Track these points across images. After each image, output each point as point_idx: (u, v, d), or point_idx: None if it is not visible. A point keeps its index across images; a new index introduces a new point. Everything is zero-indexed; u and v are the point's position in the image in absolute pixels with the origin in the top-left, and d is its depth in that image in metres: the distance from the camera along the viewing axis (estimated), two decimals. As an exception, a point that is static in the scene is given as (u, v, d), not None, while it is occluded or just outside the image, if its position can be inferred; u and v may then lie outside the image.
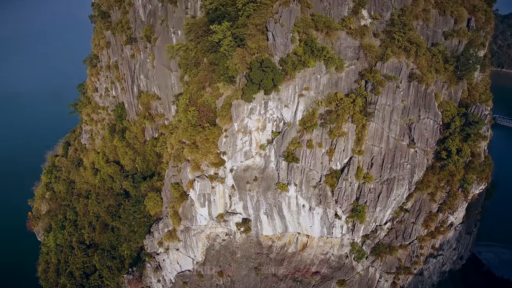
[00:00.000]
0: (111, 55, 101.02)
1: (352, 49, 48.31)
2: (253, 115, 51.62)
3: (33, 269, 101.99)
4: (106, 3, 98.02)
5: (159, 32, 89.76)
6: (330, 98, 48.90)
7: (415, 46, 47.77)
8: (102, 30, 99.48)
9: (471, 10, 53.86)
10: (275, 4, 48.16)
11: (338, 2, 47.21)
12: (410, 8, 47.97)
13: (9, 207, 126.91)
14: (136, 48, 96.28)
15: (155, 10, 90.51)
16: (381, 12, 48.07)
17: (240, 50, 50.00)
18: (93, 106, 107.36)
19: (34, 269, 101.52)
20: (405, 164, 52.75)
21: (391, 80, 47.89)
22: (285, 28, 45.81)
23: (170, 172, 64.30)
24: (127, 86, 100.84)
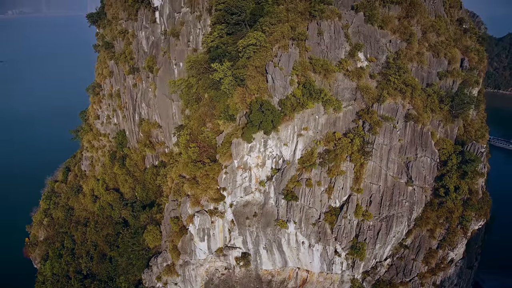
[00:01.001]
0: (114, 84, 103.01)
1: (349, 90, 49.64)
2: (253, 153, 52.40)
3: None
4: (110, 34, 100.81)
5: (161, 63, 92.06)
6: (328, 137, 49.83)
7: (411, 87, 49.12)
8: (106, 59, 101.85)
9: (464, 50, 55.66)
10: (274, 47, 49.88)
11: (335, 45, 48.89)
12: (405, 52, 49.66)
13: (7, 232, 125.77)
14: (139, 77, 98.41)
15: (157, 42, 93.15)
16: (376, 55, 49.69)
17: (240, 90, 51.36)
18: (94, 133, 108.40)
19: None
20: (404, 202, 53.09)
21: (388, 120, 48.97)
22: (284, 71, 47.26)
23: (170, 206, 64.44)
24: (129, 114, 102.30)
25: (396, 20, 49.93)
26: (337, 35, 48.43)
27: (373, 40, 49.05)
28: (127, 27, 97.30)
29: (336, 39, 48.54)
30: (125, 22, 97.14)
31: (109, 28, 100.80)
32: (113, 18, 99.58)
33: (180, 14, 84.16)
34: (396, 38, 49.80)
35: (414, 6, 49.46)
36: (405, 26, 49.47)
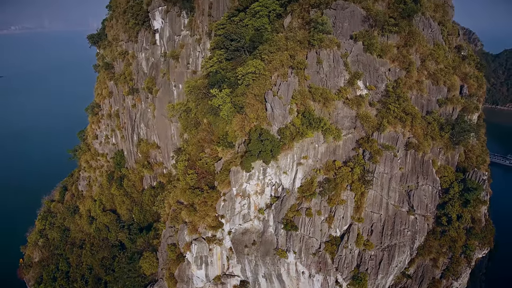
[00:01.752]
0: (113, 104, 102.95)
1: (349, 118, 49.31)
2: (252, 180, 51.62)
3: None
4: (110, 55, 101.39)
5: (161, 84, 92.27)
6: (328, 166, 49.17)
7: (411, 116, 48.81)
8: (105, 80, 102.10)
9: (463, 77, 55.64)
10: (273, 75, 49.81)
11: (334, 74, 48.82)
12: (404, 80, 49.59)
13: (1, 253, 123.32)
14: (138, 98, 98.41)
15: (157, 63, 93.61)
16: (376, 84, 49.59)
17: (239, 117, 50.99)
18: (92, 153, 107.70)
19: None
20: (406, 231, 52.02)
21: (388, 149, 48.46)
22: (283, 100, 47.00)
23: (167, 233, 63.18)
24: (127, 134, 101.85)
25: (395, 49, 50.07)
26: (336, 64, 48.43)
27: (372, 69, 49.03)
28: (127, 48, 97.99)
29: (335, 67, 48.52)
30: (126, 43, 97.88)
31: (109, 49, 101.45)
32: (113, 39, 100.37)
33: (180, 37, 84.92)
34: (395, 67, 49.82)
35: (413, 35, 49.66)
36: (404, 55, 49.55)
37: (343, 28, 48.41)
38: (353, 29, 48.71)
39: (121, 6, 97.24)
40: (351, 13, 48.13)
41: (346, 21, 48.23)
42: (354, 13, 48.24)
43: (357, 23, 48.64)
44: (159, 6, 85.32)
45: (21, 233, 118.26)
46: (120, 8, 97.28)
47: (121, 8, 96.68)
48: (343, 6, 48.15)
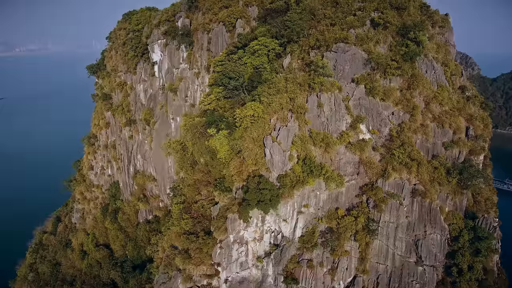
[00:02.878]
0: (110, 135, 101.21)
1: (352, 164, 47.13)
2: (250, 228, 48.83)
3: None
4: (109, 85, 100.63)
5: (158, 116, 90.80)
6: (330, 214, 46.52)
7: (416, 162, 46.65)
8: (103, 110, 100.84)
9: (468, 118, 53.92)
10: (272, 118, 48.03)
11: (336, 117, 47.05)
12: (409, 124, 47.77)
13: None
14: (135, 129, 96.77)
15: (155, 95, 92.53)
16: (379, 128, 47.76)
17: (237, 161, 48.84)
18: (87, 184, 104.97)
19: None
20: (414, 283, 48.69)
21: (394, 197, 45.99)
22: (283, 145, 44.97)
23: (160, 279, 59.51)
24: (123, 166, 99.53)
25: (398, 92, 48.56)
26: (337, 108, 46.75)
27: (375, 113, 47.32)
28: (125, 79, 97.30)
29: (336, 111, 46.81)
30: (124, 74, 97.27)
31: (108, 80, 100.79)
32: (112, 70, 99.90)
33: (179, 70, 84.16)
34: (399, 110, 48.13)
35: (416, 78, 48.27)
36: (407, 98, 47.98)
37: (344, 71, 47.05)
38: (355, 72, 47.36)
39: (120, 38, 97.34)
40: (352, 56, 46.89)
41: (347, 64, 46.92)
42: (355, 56, 47.00)
43: (359, 66, 47.32)
44: (158, 40, 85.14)
45: (11, 266, 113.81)
46: (119, 40, 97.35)
47: (121, 40, 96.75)
48: (343, 49, 46.99)
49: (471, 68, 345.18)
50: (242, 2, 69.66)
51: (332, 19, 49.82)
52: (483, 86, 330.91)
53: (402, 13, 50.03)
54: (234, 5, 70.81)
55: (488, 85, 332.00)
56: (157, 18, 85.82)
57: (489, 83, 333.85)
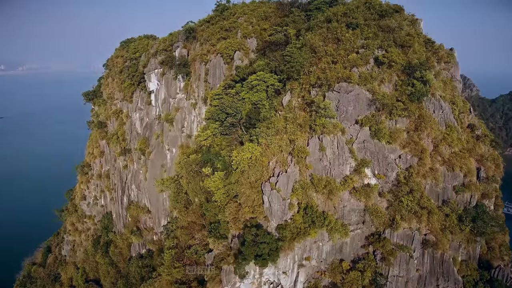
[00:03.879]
0: (104, 164, 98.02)
1: (357, 212, 43.68)
2: (247, 279, 44.82)
3: None
4: (104, 113, 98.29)
5: (154, 146, 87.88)
6: (334, 268, 42.72)
7: (427, 210, 43.24)
8: (98, 139, 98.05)
9: (479, 159, 50.86)
10: (271, 161, 44.97)
11: (339, 161, 43.97)
12: (417, 169, 44.64)
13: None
14: (130, 158, 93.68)
15: (151, 124, 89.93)
16: (385, 172, 44.61)
17: (233, 206, 45.52)
18: (79, 215, 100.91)
19: None
20: None
21: (403, 249, 42.30)
22: (282, 193, 41.69)
23: (149, 331, 55.07)
24: (117, 196, 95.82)
25: (405, 133, 45.70)
26: (341, 151, 43.74)
27: (381, 156, 44.28)
28: (121, 107, 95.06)
29: (340, 154, 43.77)
30: (120, 102, 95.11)
31: (104, 107, 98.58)
32: (108, 97, 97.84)
33: (175, 100, 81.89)
34: (406, 153, 45.11)
35: (424, 119, 45.53)
36: (415, 140, 45.06)
37: (348, 112, 44.32)
38: (359, 113, 44.63)
39: (117, 66, 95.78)
40: (355, 96, 44.30)
41: (351, 105, 44.26)
42: (359, 97, 44.40)
43: (363, 107, 44.65)
44: (155, 69, 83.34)
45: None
46: (116, 67, 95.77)
47: (118, 67, 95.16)
48: (346, 89, 44.45)
49: (469, 89, 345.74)
50: (240, 34, 68.07)
51: (333, 56, 47.58)
52: (482, 108, 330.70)
53: (407, 50, 47.84)
54: (233, 36, 69.20)
55: (487, 106, 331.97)
56: (154, 47, 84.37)
57: (488, 104, 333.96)
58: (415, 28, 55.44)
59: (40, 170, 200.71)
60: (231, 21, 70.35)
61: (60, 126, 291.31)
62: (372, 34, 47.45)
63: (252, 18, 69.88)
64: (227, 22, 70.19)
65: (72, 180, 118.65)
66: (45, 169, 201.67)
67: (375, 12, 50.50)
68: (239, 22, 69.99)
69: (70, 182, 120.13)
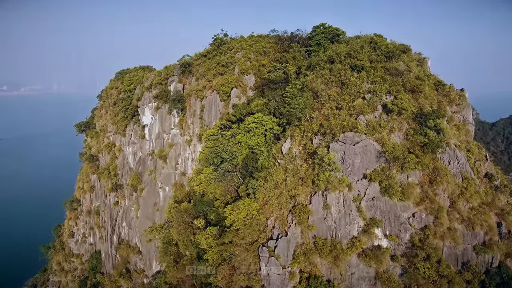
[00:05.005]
0: (94, 199, 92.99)
1: (367, 280, 38.45)
2: None
3: None
4: (97, 146, 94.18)
5: (147, 183, 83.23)
6: None
7: (446, 279, 38.02)
8: (88, 173, 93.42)
9: (499, 213, 45.97)
10: (269, 220, 40.18)
11: (346, 221, 39.17)
12: (433, 229, 39.76)
13: None
14: (121, 194, 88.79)
15: (145, 158, 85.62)
16: (398, 233, 39.70)
17: (226, 269, 40.32)
18: (66, 253, 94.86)
19: None
20: None
21: (421, 326, 36.80)
22: (282, 260, 36.67)
23: None
24: (107, 234, 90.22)
25: (418, 188, 41.14)
26: (347, 209, 39.05)
27: (392, 216, 39.53)
28: (114, 140, 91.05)
29: (346, 213, 39.05)
30: (113, 135, 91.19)
31: (96, 140, 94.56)
32: (101, 130, 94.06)
33: (170, 135, 77.92)
34: (421, 212, 40.37)
35: (439, 172, 41.07)
36: (430, 197, 40.44)
37: (354, 165, 39.94)
38: (367, 166, 40.23)
39: (111, 97, 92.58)
40: (363, 148, 40.04)
41: (358, 157, 39.94)
42: (366, 148, 40.14)
43: (371, 159, 40.32)
44: (149, 103, 79.91)
45: None
46: (110, 99, 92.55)
47: (112, 99, 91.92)
48: (353, 139, 40.25)
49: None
50: (238, 70, 64.82)
51: (338, 102, 43.70)
52: (482, 131, 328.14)
53: (418, 96, 44.02)
54: (230, 72, 65.96)
55: (487, 130, 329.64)
56: (149, 80, 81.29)
57: (488, 128, 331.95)
58: (423, 68, 52.04)
59: (30, 199, 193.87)
60: (228, 56, 67.31)
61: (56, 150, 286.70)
62: (379, 78, 43.78)
63: (250, 53, 66.86)
64: (224, 57, 67.13)
65: (62, 212, 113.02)
66: (35, 198, 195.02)
67: (381, 53, 47.11)
68: (236, 58, 66.91)
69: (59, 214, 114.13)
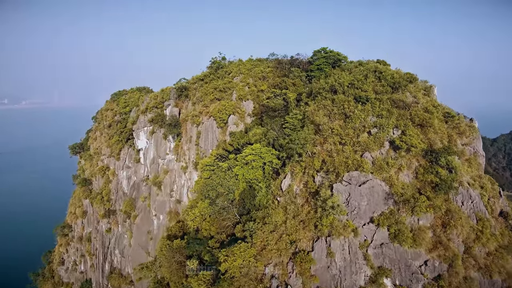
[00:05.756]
0: (86, 225, 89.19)
1: (376, 338, 34.62)
2: None
3: None
4: (90, 169, 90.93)
5: (141, 209, 79.65)
6: None
7: (464, 337, 34.27)
8: (81, 197, 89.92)
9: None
10: (268, 267, 36.65)
11: (352, 269, 35.64)
12: (448, 280, 36.15)
13: None
14: (114, 220, 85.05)
15: (139, 183, 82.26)
16: (409, 284, 36.11)
17: (220, 322, 36.57)
18: (55, 282, 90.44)
19: None
20: None
21: None
22: (282, 316, 33.02)
23: None
24: (98, 262, 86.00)
25: (430, 232, 37.74)
26: (353, 257, 35.58)
27: (402, 264, 36.02)
28: (108, 163, 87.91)
29: (352, 261, 35.56)
30: (107, 158, 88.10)
31: (90, 163, 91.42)
32: (95, 153, 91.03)
33: (165, 161, 74.82)
34: (434, 259, 36.86)
35: (452, 215, 37.77)
36: (443, 242, 37.00)
37: (360, 208, 36.68)
38: (374, 209, 36.96)
39: (106, 119, 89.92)
40: (369, 189, 36.86)
41: (364, 199, 36.71)
42: (373, 190, 36.96)
43: (379, 201, 37.08)
44: (144, 127, 77.15)
45: None
46: (105, 121, 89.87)
47: (107, 121, 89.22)
48: (358, 179, 37.11)
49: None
50: (236, 96, 62.23)
51: (341, 136, 40.75)
52: (483, 147, 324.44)
53: (427, 130, 41.09)
54: (227, 97, 63.40)
55: (488, 146, 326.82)
56: (144, 103, 78.75)
57: (489, 144, 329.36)
58: (430, 97, 49.32)
59: (27, 216, 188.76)
60: (226, 81, 64.87)
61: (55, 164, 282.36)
62: (385, 112, 40.94)
63: (248, 78, 64.44)
64: (222, 82, 64.68)
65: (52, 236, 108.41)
66: (33, 214, 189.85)
67: (387, 83, 44.45)
68: (234, 82, 64.47)
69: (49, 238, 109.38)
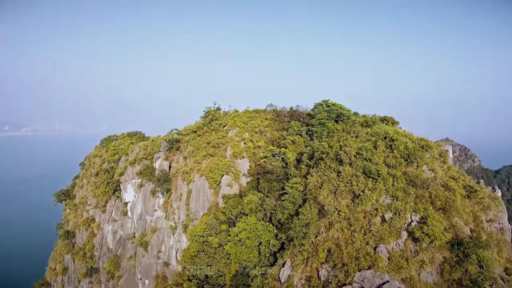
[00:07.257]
0: (66, 284, 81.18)
1: None
2: None
3: None
4: (74, 220, 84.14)
5: (125, 270, 72.14)
6: None
7: None
8: (62, 252, 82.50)
9: None
10: None
11: None
12: None
13: None
14: (97, 280, 77.20)
15: (125, 239, 75.32)
16: None
17: None
18: None
19: None
20: None
21: None
22: None
23: None
24: (77, 329, 77.42)
25: None
26: None
27: None
28: (94, 215, 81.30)
29: None
30: (93, 209, 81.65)
31: (74, 214, 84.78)
32: (80, 202, 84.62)
33: (153, 217, 68.31)
34: None
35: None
36: None
37: (376, 319, 29.96)
38: (392, 321, 30.19)
39: (94, 166, 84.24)
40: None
41: (380, 307, 30.07)
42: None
43: (397, 310, 30.39)
44: (132, 179, 71.29)
45: None
46: (93, 168, 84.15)
47: (94, 168, 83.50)
48: (372, 281, 30.66)
49: (471, 160, 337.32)
50: (230, 153, 56.79)
51: (350, 221, 34.67)
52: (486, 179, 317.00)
53: (450, 214, 35.03)
54: (221, 154, 57.96)
55: (491, 178, 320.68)
56: (133, 153, 73.39)
57: (492, 175, 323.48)
58: (446, 164, 43.58)
59: (19, 250, 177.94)
60: (220, 135, 59.67)
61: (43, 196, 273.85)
62: (401, 192, 35.06)
63: (244, 132, 59.31)
64: (216, 137, 59.47)
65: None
66: (25, 247, 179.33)
67: (400, 155, 38.89)
68: (229, 137, 59.25)
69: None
